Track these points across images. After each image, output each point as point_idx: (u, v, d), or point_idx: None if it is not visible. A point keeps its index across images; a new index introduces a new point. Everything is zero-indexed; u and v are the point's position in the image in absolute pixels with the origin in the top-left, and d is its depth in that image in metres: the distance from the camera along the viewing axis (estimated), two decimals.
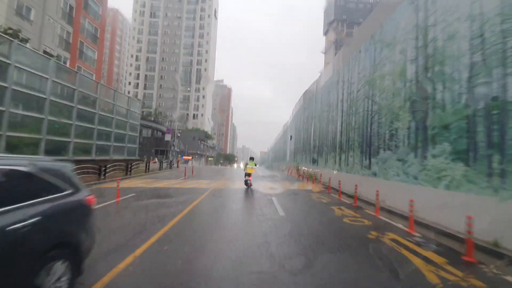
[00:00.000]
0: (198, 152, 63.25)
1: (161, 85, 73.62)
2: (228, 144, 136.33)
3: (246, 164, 13.82)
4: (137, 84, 73.34)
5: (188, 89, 73.97)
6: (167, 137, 29.20)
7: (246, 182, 13.09)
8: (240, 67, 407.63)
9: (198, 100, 73.74)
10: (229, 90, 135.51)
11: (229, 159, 76.74)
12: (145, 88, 73.30)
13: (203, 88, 73.91)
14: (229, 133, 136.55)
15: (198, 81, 74.15)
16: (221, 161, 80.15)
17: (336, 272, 3.64)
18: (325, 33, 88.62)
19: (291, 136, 31.15)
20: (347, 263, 3.99)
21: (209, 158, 77.73)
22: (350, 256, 4.27)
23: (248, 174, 13.13)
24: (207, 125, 77.16)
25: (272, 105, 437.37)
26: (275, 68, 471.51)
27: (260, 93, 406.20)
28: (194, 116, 73.11)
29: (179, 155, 60.48)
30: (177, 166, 27.69)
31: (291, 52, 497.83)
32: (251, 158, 14.05)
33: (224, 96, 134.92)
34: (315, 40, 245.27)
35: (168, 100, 72.91)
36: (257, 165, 16.34)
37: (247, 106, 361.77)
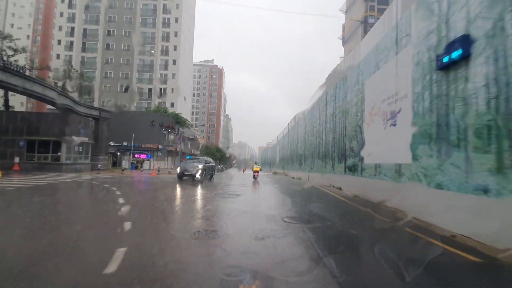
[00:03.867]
0: (161, 146, 37.98)
1: (108, 45, 47.73)
2: (221, 137, 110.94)
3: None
4: (71, 43, 47.49)
5: (152, 51, 48.22)
6: None
7: (254, 177, 19.32)
8: (234, 56, 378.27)
9: (166, 67, 48.04)
10: (221, 70, 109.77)
11: (215, 156, 50.14)
12: (83, 50, 47.48)
13: (174, 48, 48.15)
14: (221, 124, 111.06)
15: (166, 39, 48.41)
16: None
17: None
18: None
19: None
20: None
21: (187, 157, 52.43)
22: None
23: (255, 171, 19.71)
24: (184, 106, 51.76)
25: (269, 99, 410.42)
26: (274, 57, 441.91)
27: (256, 86, 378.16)
28: (161, 92, 47.56)
29: (108, 152, 35.21)
30: None
31: (293, 45, 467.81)
32: (255, 163, 21.38)
33: (214, 77, 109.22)
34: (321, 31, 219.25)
35: (119, 68, 47.19)
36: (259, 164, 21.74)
37: (241, 100, 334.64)
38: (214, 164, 21.18)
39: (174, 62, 47.87)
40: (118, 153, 37.06)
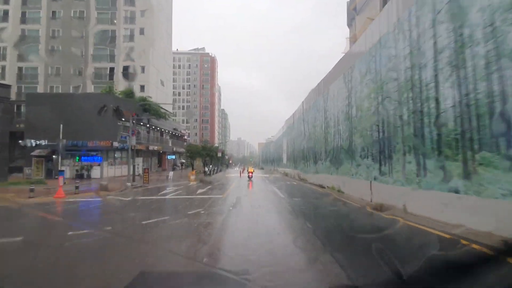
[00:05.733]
0: (118, 145, 26.35)
1: (54, 13, 36.04)
2: (217, 134, 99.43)
3: None
4: (7, 13, 35.82)
5: (114, 21, 36.55)
6: None
7: (248, 176, 23.10)
8: (228, 47, 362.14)
9: (132, 38, 36.34)
10: (213, 59, 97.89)
11: (201, 154, 36.71)
12: (23, 21, 35.82)
13: (142, 14, 36.44)
14: (216, 119, 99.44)
15: (130, 1, 36.70)
16: (182, 161, 42.89)
17: None
18: None
19: None
20: None
21: (169, 156, 40.89)
22: None
23: (249, 172, 23.89)
24: (161, 92, 40.13)
25: (267, 94, 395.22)
26: (270, 49, 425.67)
27: (252, 81, 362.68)
28: (126, 72, 35.88)
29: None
30: None
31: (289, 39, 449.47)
32: (250, 163, 31.47)
33: (206, 66, 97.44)
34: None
35: (70, 42, 35.52)
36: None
37: (237, 95, 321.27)
38: None
39: (142, 31, 36.08)
40: (54, 157, 25.62)
